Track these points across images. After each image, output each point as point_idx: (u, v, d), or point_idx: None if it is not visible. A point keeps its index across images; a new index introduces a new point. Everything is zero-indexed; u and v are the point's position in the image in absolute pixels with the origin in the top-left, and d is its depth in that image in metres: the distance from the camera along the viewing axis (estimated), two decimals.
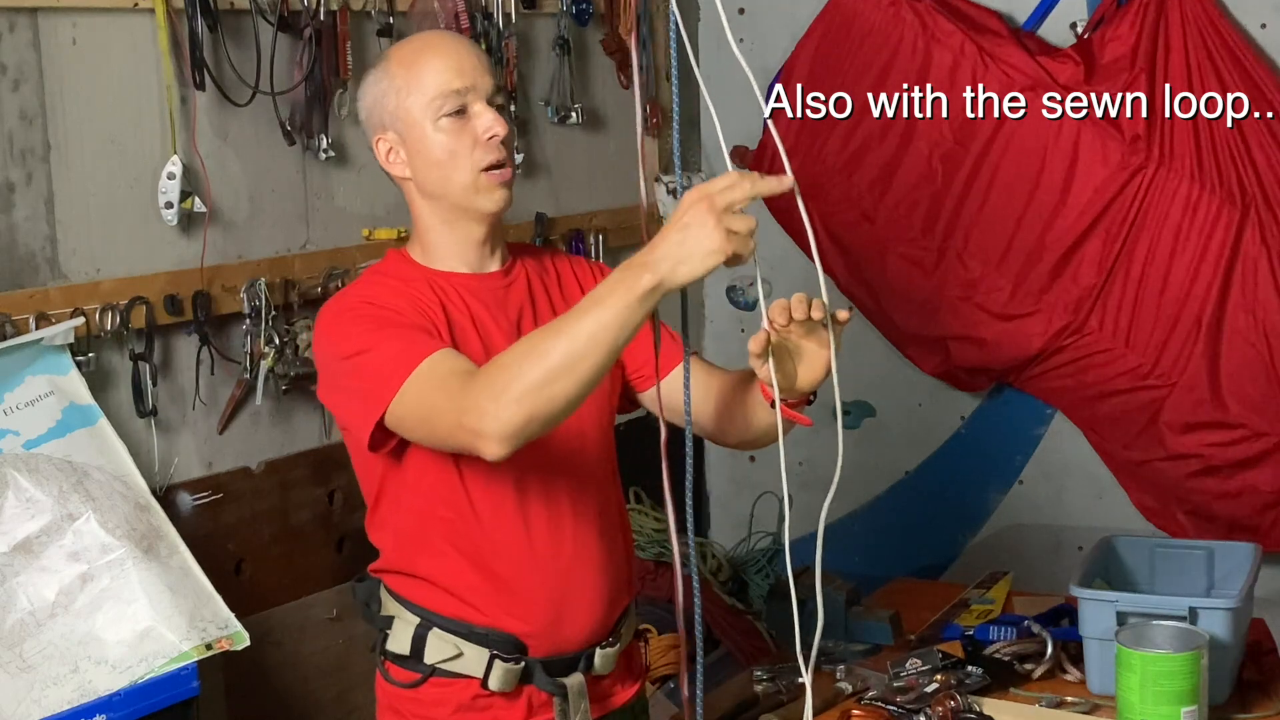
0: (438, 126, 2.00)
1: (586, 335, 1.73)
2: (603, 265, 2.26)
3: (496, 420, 1.76)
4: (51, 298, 2.54)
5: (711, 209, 1.67)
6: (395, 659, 2.10)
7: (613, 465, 2.17)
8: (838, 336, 1.83)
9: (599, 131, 3.75)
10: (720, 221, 1.66)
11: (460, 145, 2.00)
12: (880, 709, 2.39)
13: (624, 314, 1.72)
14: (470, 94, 1.99)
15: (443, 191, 2.03)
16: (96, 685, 2.29)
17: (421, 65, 2.00)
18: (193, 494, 2.78)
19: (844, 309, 1.83)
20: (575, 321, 1.74)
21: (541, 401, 1.75)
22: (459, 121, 2.00)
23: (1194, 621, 2.40)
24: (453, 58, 2.00)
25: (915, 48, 3.67)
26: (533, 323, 2.06)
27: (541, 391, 1.74)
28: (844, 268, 3.86)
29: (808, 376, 1.87)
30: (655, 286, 1.70)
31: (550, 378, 1.74)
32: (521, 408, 1.75)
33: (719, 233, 1.66)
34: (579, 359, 1.73)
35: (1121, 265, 3.53)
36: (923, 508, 3.97)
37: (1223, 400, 3.45)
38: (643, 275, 1.70)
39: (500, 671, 2.04)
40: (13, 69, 2.50)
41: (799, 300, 1.79)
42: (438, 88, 1.99)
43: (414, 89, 2.00)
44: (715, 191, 1.68)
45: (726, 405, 2.07)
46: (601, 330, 1.72)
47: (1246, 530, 3.43)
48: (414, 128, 2.01)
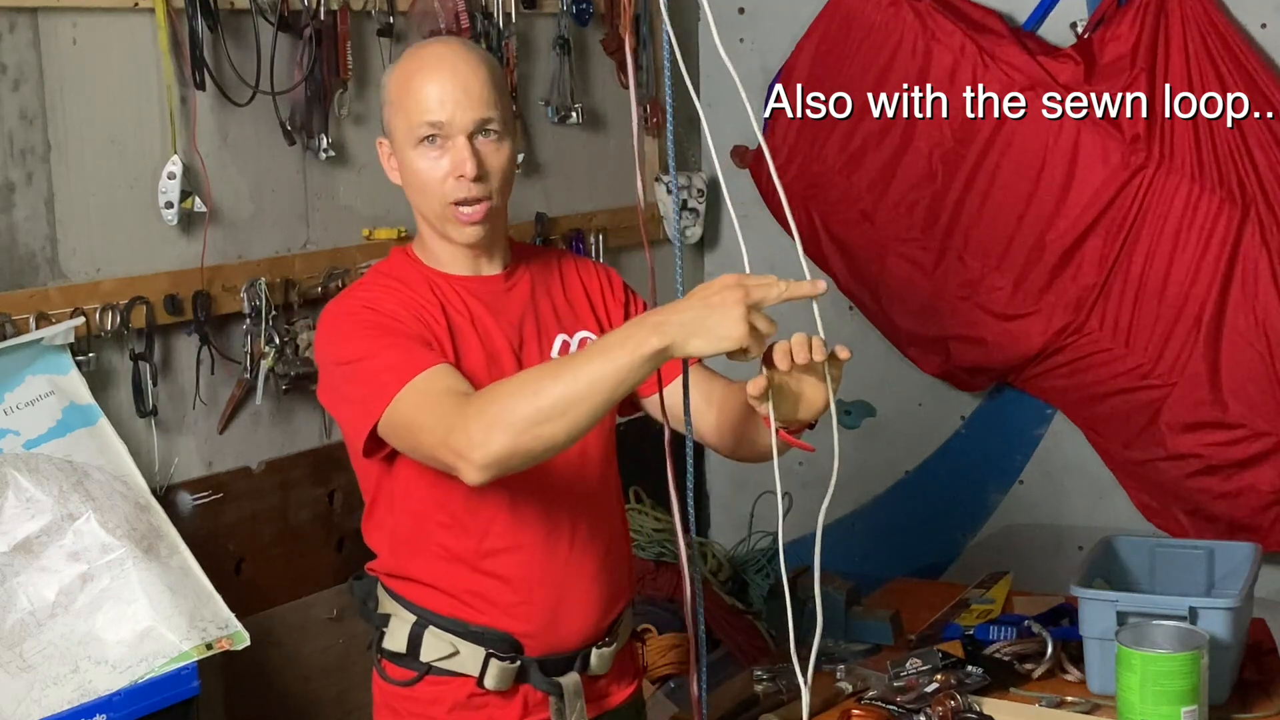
0: (417, 152, 1.99)
1: (586, 383, 1.74)
2: (610, 269, 2.25)
3: (482, 449, 1.77)
4: (51, 298, 2.54)
5: (744, 300, 1.70)
6: (391, 657, 2.10)
7: (612, 466, 2.18)
8: (837, 377, 1.84)
9: (599, 131, 3.75)
10: (747, 315, 1.69)
11: (433, 175, 1.99)
12: (880, 709, 2.39)
13: (626, 370, 1.73)
14: (448, 127, 1.97)
15: (423, 211, 2.05)
16: (96, 685, 2.29)
17: (411, 87, 1.99)
18: (193, 494, 2.78)
19: (844, 347, 1.83)
20: (577, 367, 1.76)
21: (528, 439, 1.76)
22: (437, 149, 1.98)
23: (1194, 621, 2.39)
24: (442, 87, 1.97)
25: (915, 48, 3.67)
26: (534, 325, 2.06)
27: (531, 429, 1.76)
28: (844, 268, 3.86)
29: (808, 410, 1.88)
30: (663, 350, 1.72)
31: (542, 418, 1.75)
32: (508, 441, 1.76)
33: (743, 325, 1.69)
34: (573, 405, 1.75)
35: (1121, 265, 3.53)
36: (923, 508, 3.97)
37: (1223, 400, 3.45)
38: (653, 337, 1.72)
39: (496, 670, 2.05)
40: (13, 69, 2.50)
41: (799, 343, 1.79)
42: (418, 116, 1.97)
43: (401, 109, 2.00)
44: (752, 285, 1.70)
45: (728, 418, 2.07)
46: (601, 380, 1.74)
47: (1246, 530, 3.43)
48: (400, 146, 2.02)
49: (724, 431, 2.08)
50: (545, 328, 2.08)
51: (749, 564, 3.86)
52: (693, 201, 3.95)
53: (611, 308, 2.18)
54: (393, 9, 3.08)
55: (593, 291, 2.17)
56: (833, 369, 1.82)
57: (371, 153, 3.09)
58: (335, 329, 2.00)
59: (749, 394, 1.82)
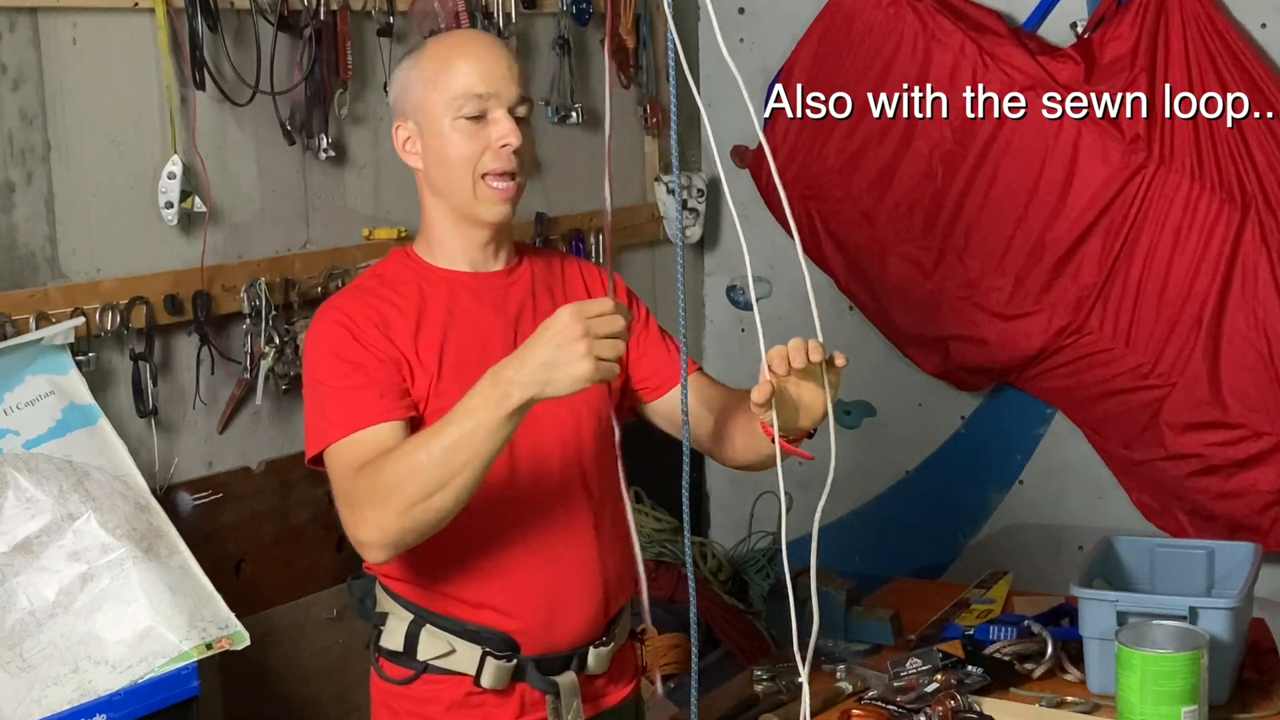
0: (454, 126, 2.01)
1: (458, 453, 1.81)
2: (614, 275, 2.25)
3: (378, 529, 1.88)
4: (51, 298, 2.54)
5: (582, 335, 1.74)
6: (389, 655, 2.10)
7: (611, 465, 2.17)
8: (835, 382, 1.85)
9: (599, 131, 3.75)
10: (591, 350, 1.74)
11: (471, 149, 2.01)
12: (880, 709, 2.39)
13: (494, 430, 1.80)
14: (492, 100, 2.00)
15: (448, 190, 2.05)
16: (96, 685, 2.29)
17: (452, 63, 2.01)
18: (193, 494, 2.78)
19: (841, 354, 1.85)
20: (449, 439, 1.82)
21: (419, 513, 1.85)
22: (476, 125, 2.01)
23: (1194, 621, 2.40)
24: (483, 62, 2.01)
25: (915, 48, 3.67)
26: (532, 321, 2.06)
27: (416, 508, 1.85)
28: (844, 268, 3.86)
29: (808, 417, 1.90)
30: (523, 405, 1.79)
31: (426, 494, 1.83)
32: (401, 521, 1.86)
33: (587, 362, 1.74)
34: (452, 475, 1.83)
35: (1121, 265, 3.53)
36: (923, 508, 3.97)
37: (1223, 400, 3.45)
38: (511, 393, 1.78)
39: (492, 669, 2.05)
40: (13, 69, 2.50)
41: (796, 347, 1.80)
42: (462, 88, 2.00)
43: (440, 85, 2.01)
44: (589, 317, 1.75)
45: (725, 426, 2.09)
46: (472, 447, 1.81)
47: (1246, 530, 3.43)
48: (433, 122, 2.02)
49: (721, 438, 2.10)
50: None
51: (749, 564, 3.86)
52: (693, 201, 3.95)
53: None
54: (393, 9, 3.08)
55: (595, 292, 2.17)
56: (830, 375, 1.84)
57: (372, 152, 3.11)
58: (311, 341, 2.05)
59: (753, 400, 1.84)
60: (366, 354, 1.98)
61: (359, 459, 1.92)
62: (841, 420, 3.98)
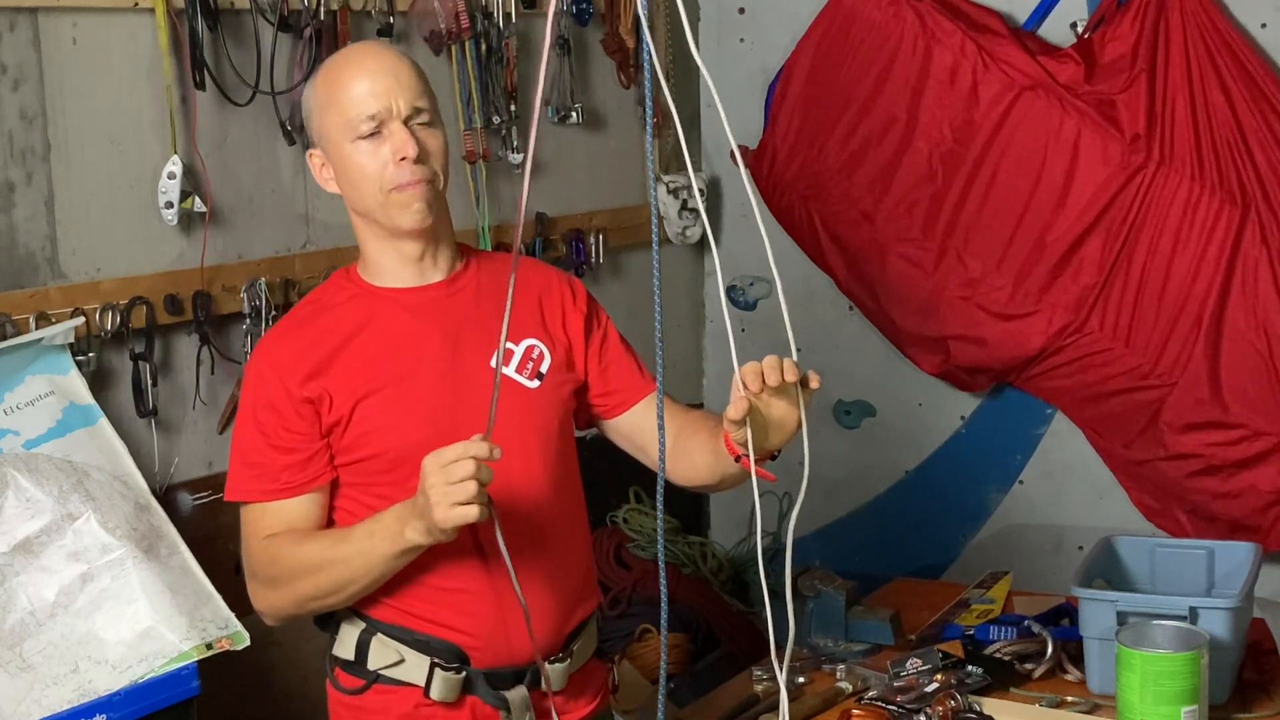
0: (355, 147, 2.00)
1: (355, 567, 1.96)
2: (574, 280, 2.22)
3: (271, 608, 2.06)
4: (51, 298, 2.54)
5: (440, 483, 1.79)
6: (342, 664, 2.10)
7: (571, 475, 2.15)
8: (808, 403, 1.86)
9: (599, 131, 3.75)
10: (445, 498, 1.79)
11: (374, 166, 2.00)
12: (880, 709, 2.39)
13: (389, 559, 1.94)
14: (385, 115, 1.98)
15: (364, 209, 2.04)
16: (96, 685, 2.29)
17: (341, 84, 2.00)
18: (193, 494, 2.78)
19: (816, 375, 1.86)
20: (351, 553, 1.95)
21: (312, 606, 2.04)
22: (375, 143, 1.99)
23: (1194, 621, 2.39)
24: (371, 78, 1.99)
25: (915, 48, 3.67)
26: (476, 331, 2.04)
27: (310, 602, 2.02)
28: (844, 268, 3.86)
29: (778, 436, 1.90)
30: (415, 545, 1.90)
31: (321, 594, 2.00)
32: (294, 609, 2.05)
33: (452, 512, 1.79)
34: (347, 584, 1.98)
35: (1122, 265, 3.52)
36: (923, 508, 3.97)
37: (1223, 400, 3.45)
38: (405, 532, 1.88)
39: (441, 680, 2.03)
40: (13, 69, 2.50)
41: (771, 365, 1.81)
42: (354, 109, 1.98)
43: (333, 108, 2.01)
44: (444, 465, 1.80)
45: (685, 444, 2.08)
46: (368, 567, 1.95)
47: (1246, 530, 3.43)
48: (336, 147, 2.02)
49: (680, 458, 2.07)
50: (490, 334, 1.98)
51: (749, 564, 3.86)
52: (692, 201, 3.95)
53: (570, 318, 2.15)
54: (393, 9, 3.08)
55: (549, 301, 2.14)
56: (804, 395, 1.84)
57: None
58: (244, 381, 2.09)
59: (728, 417, 1.85)
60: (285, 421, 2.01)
61: (266, 529, 2.03)
62: (841, 420, 3.98)
